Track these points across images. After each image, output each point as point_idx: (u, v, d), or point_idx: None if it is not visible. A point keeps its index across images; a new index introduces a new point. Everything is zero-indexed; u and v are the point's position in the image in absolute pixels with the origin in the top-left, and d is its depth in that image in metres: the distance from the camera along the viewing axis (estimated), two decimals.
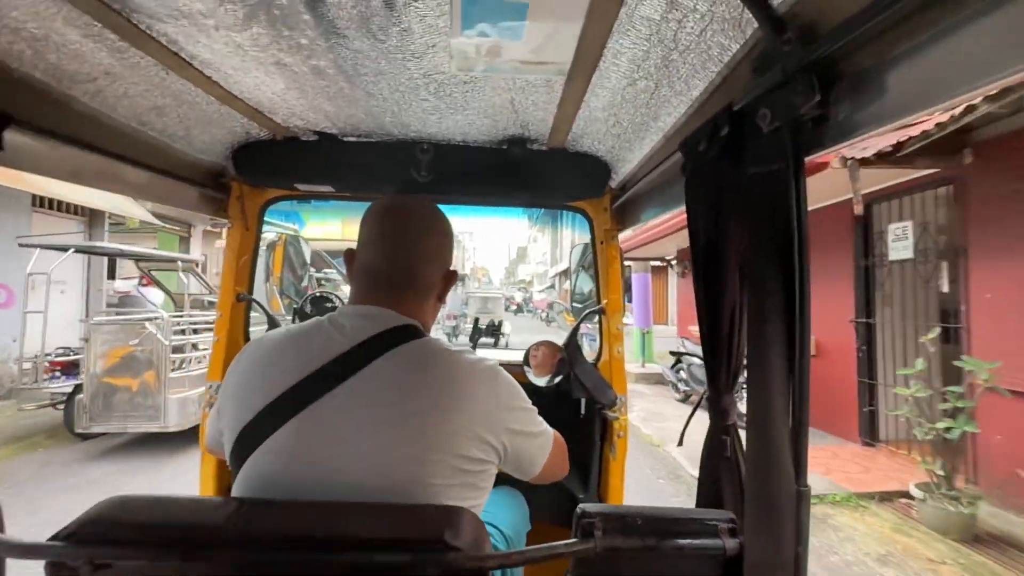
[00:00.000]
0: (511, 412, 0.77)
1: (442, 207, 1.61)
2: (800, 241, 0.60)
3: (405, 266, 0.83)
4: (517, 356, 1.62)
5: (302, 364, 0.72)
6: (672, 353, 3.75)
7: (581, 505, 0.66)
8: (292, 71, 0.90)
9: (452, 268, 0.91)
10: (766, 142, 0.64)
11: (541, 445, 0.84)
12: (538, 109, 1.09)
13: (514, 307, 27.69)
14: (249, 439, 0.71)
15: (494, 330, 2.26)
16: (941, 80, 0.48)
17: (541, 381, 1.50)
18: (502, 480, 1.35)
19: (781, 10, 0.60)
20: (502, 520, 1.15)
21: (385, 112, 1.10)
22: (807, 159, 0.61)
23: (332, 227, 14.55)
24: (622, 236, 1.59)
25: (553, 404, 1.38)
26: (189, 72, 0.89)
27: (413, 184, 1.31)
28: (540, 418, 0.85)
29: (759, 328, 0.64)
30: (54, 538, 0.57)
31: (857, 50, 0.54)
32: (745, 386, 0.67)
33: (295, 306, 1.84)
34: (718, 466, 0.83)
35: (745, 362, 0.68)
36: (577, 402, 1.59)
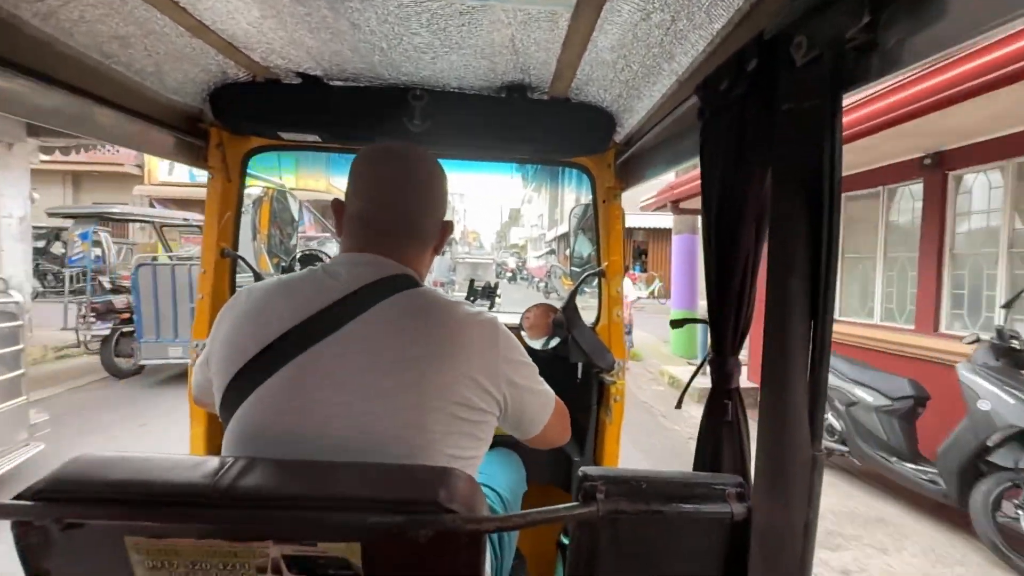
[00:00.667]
0: (511, 364, 0.75)
1: (444, 164, 1.55)
2: (832, 188, 0.54)
3: (405, 215, 0.81)
4: (513, 320, 1.59)
5: (296, 310, 0.69)
6: None
7: (583, 468, 0.63)
8: None
9: (448, 219, 0.87)
10: (800, 76, 0.57)
11: (543, 404, 0.82)
12: (540, 50, 1.00)
13: (507, 274, 25.33)
14: (241, 386, 0.68)
15: (490, 292, 2.24)
16: None
17: (536, 343, 1.48)
18: (499, 442, 1.35)
19: None
20: (498, 481, 1.14)
21: (373, 49, 1.01)
22: (846, 94, 0.55)
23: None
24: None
25: (551, 367, 1.35)
26: None
27: (406, 134, 1.23)
28: (541, 378, 0.83)
29: (780, 283, 0.59)
30: (19, 496, 0.54)
31: None
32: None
33: (283, 264, 1.77)
34: (719, 430, 0.80)
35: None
36: (575, 366, 1.57)
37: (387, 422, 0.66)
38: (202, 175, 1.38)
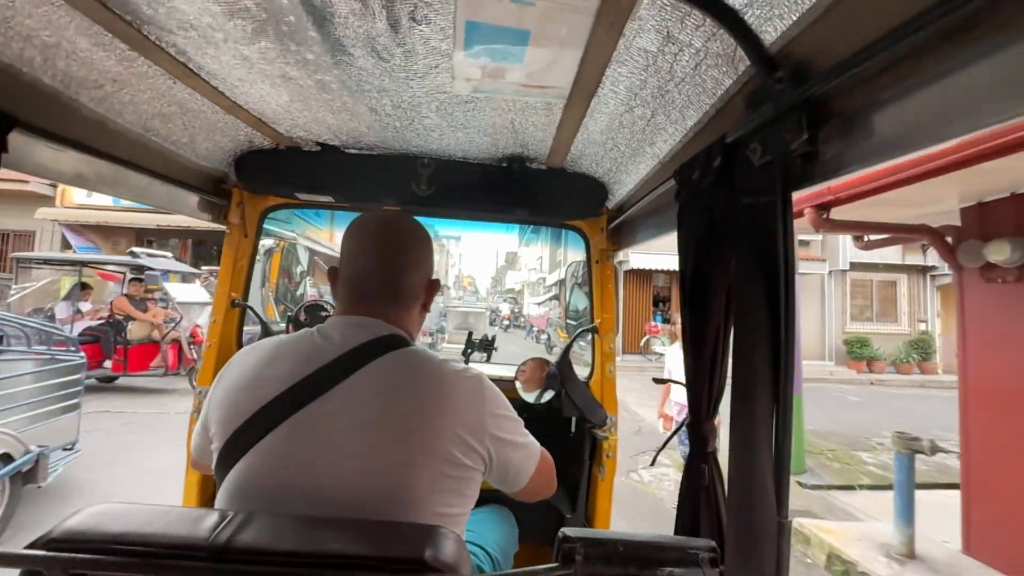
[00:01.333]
0: (495, 419, 0.78)
1: (442, 221, 1.65)
2: (787, 272, 0.61)
3: (390, 276, 0.85)
4: (509, 372, 1.62)
5: (292, 372, 0.73)
6: None
7: (563, 529, 0.66)
8: (297, 84, 0.92)
9: (435, 278, 0.93)
10: (757, 174, 0.65)
11: (528, 456, 0.84)
12: (538, 130, 1.11)
13: (504, 322, 22.64)
14: (237, 446, 0.71)
15: (487, 345, 2.26)
16: (927, 123, 0.49)
17: (530, 397, 1.51)
18: (491, 499, 1.36)
19: (773, 50, 0.62)
20: (488, 540, 1.14)
21: (387, 127, 1.12)
22: (795, 194, 0.63)
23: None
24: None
25: (544, 422, 1.38)
26: (195, 82, 0.91)
27: (413, 197, 1.32)
28: (526, 431, 0.85)
29: (744, 356, 0.65)
30: (31, 546, 0.57)
31: (846, 91, 0.56)
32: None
33: (289, 313, 1.84)
34: (697, 493, 0.82)
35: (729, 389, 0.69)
36: (568, 421, 1.59)
37: (376, 480, 0.68)
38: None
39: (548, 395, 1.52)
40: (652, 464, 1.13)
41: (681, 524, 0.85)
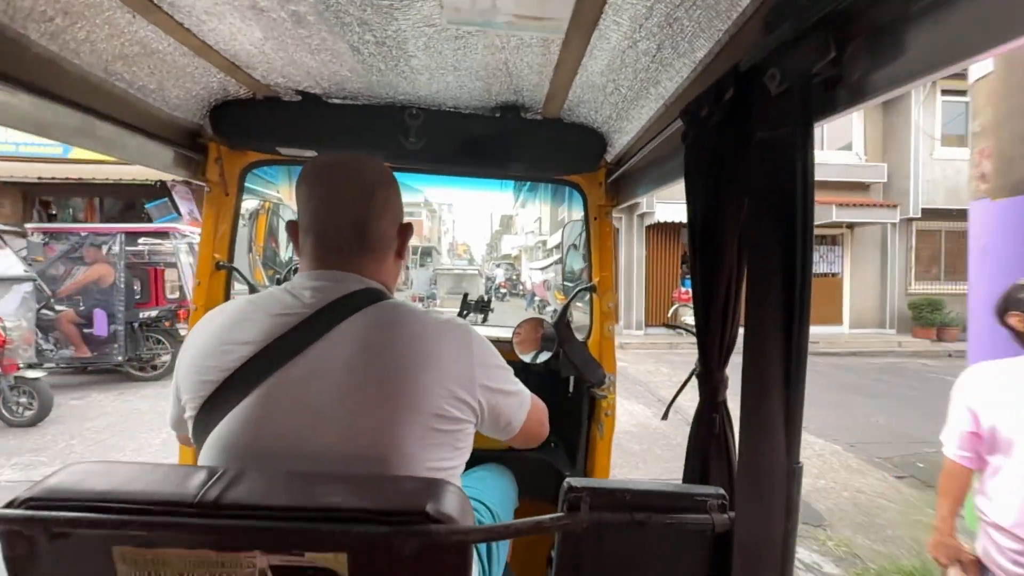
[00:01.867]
0: (485, 369, 0.75)
1: (432, 177, 1.58)
2: (805, 210, 0.57)
3: (357, 224, 0.79)
4: (506, 333, 1.60)
5: (261, 334, 0.69)
6: None
7: (568, 479, 0.64)
8: (270, 18, 0.84)
9: (407, 222, 0.87)
10: (774, 105, 0.60)
11: (519, 404, 0.82)
12: (533, 73, 1.03)
13: (500, 291, 20.31)
14: (210, 413, 0.68)
15: (483, 306, 2.22)
16: (965, 38, 0.44)
17: (527, 357, 1.50)
18: (491, 457, 1.36)
19: None
20: (489, 496, 1.14)
21: (371, 70, 1.04)
22: (816, 124, 0.58)
23: None
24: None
25: (542, 382, 1.37)
26: (157, 17, 0.82)
27: (402, 151, 1.25)
28: (516, 379, 0.83)
29: (757, 301, 0.61)
30: (8, 505, 0.54)
31: (875, 4, 0.51)
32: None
33: (278, 276, 1.79)
34: (707, 443, 0.81)
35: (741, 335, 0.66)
36: (566, 381, 1.58)
37: (362, 441, 0.65)
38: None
39: (545, 356, 1.51)
40: (664, 418, 1.11)
41: (690, 473, 0.84)
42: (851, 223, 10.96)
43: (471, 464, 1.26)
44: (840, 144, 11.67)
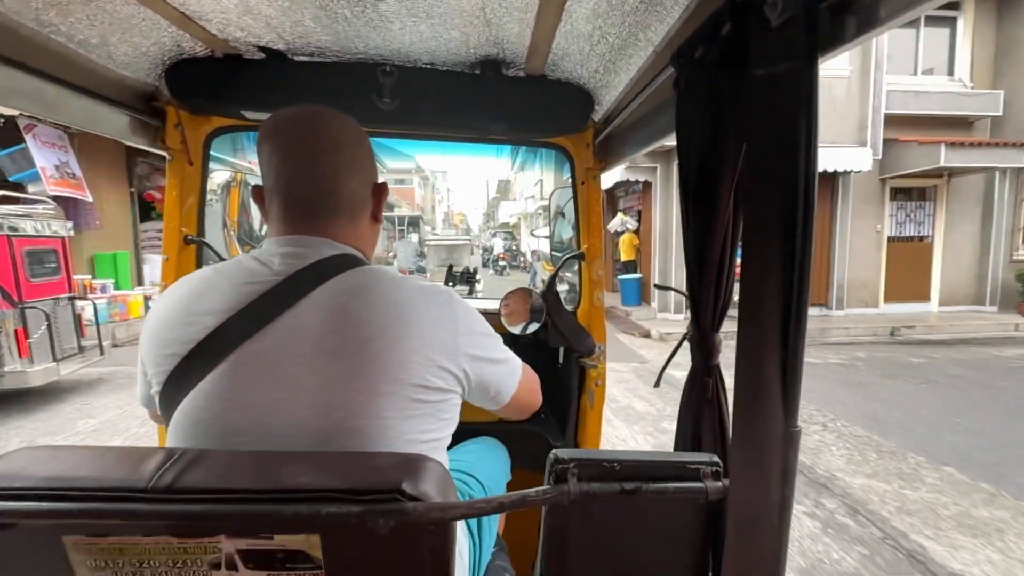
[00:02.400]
0: (470, 336, 0.71)
1: (413, 142, 1.50)
2: (808, 158, 0.52)
3: (326, 183, 0.73)
4: (494, 304, 1.56)
5: (227, 302, 0.65)
6: None
7: (555, 451, 0.61)
8: None
9: (381, 181, 0.81)
10: (775, 38, 0.54)
11: (509, 372, 0.79)
12: (513, 21, 0.95)
13: (499, 263, 18.25)
14: (176, 388, 0.64)
15: (469, 277, 2.16)
16: None
17: (516, 329, 1.47)
18: (484, 430, 1.34)
19: None
20: (480, 469, 1.12)
21: (336, 17, 0.95)
22: (822, 58, 0.52)
23: None
24: None
25: (531, 352, 1.33)
26: None
27: (376, 113, 1.17)
28: (505, 347, 0.80)
29: (754, 257, 0.57)
30: None
31: None
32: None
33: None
34: (700, 408, 0.79)
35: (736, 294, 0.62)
36: (556, 351, 1.55)
37: (336, 413, 0.62)
38: None
39: (534, 327, 1.47)
40: (656, 385, 1.08)
41: (682, 440, 0.81)
42: (950, 170, 8.50)
43: (462, 438, 1.24)
44: (931, 68, 9.09)
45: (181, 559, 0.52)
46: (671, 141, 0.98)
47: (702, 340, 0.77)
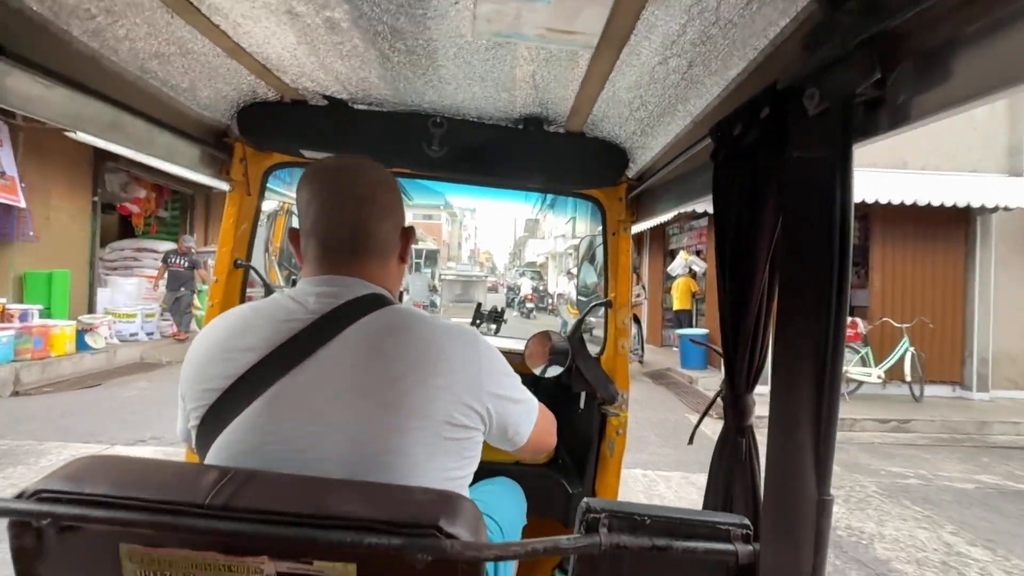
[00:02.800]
0: (492, 376, 0.74)
1: (453, 186, 1.59)
2: (843, 234, 0.55)
3: (359, 226, 0.78)
4: (517, 345, 1.59)
5: (265, 340, 0.69)
6: None
7: (586, 500, 0.62)
8: (304, 23, 0.85)
9: (409, 225, 0.87)
10: (812, 126, 0.59)
11: (526, 411, 0.81)
12: (560, 86, 1.03)
13: (526, 304, 15.98)
14: (213, 422, 0.67)
15: (496, 316, 2.18)
16: (1019, 63, 0.43)
17: (536, 371, 1.49)
18: (502, 471, 1.34)
19: None
20: (498, 511, 1.12)
21: (399, 77, 1.05)
22: (856, 146, 0.56)
23: None
24: None
25: (553, 396, 1.35)
26: (195, 17, 0.84)
27: (424, 159, 1.26)
28: (524, 387, 0.82)
29: (789, 325, 0.59)
30: (18, 496, 0.53)
31: (928, 23, 0.49)
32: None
33: (294, 276, 1.79)
34: (731, 469, 0.79)
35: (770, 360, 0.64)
36: (578, 396, 1.56)
37: (366, 448, 0.64)
38: None
39: (556, 369, 1.49)
40: (690, 442, 1.09)
41: (712, 500, 0.81)
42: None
43: (480, 477, 1.25)
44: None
45: (225, 575, 0.54)
46: (704, 203, 1.03)
47: (735, 401, 0.78)
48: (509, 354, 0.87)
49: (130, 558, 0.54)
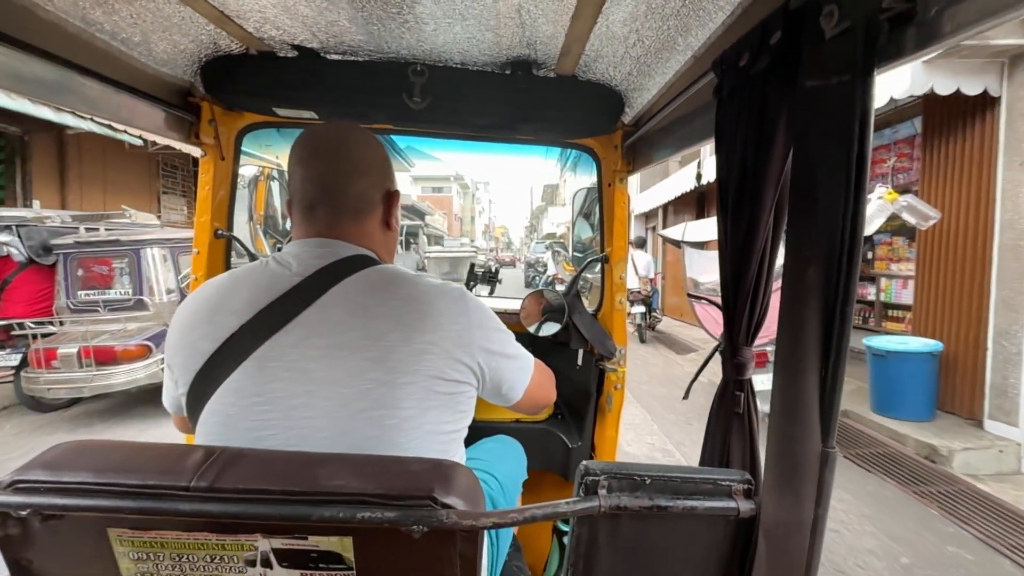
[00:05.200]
0: (483, 331, 0.74)
1: (439, 140, 1.50)
2: (860, 173, 0.51)
3: (333, 185, 0.78)
4: (514, 304, 1.57)
5: (249, 303, 0.68)
6: None
7: (585, 462, 0.61)
8: None
9: (393, 189, 0.84)
10: (829, 49, 0.53)
11: (521, 367, 0.82)
12: (548, 22, 0.94)
13: (559, 286, 6.23)
14: (202, 387, 0.67)
15: (490, 277, 2.15)
16: None
17: (531, 328, 1.48)
18: (501, 429, 1.34)
19: None
20: (498, 468, 1.12)
21: (372, 18, 0.95)
22: (878, 71, 0.50)
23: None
24: None
25: (551, 353, 1.33)
26: None
27: (405, 111, 1.18)
28: (518, 343, 0.82)
29: (797, 273, 0.56)
30: None
31: None
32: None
33: (279, 245, 1.74)
34: (729, 423, 0.77)
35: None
36: (575, 352, 1.55)
37: (354, 405, 0.64)
38: None
39: (552, 327, 1.47)
40: (685, 397, 1.08)
41: (709, 455, 0.80)
42: None
43: (479, 436, 1.25)
44: None
45: (219, 555, 0.53)
46: (706, 145, 0.97)
47: (734, 354, 0.75)
48: (504, 314, 0.85)
49: (119, 541, 0.53)
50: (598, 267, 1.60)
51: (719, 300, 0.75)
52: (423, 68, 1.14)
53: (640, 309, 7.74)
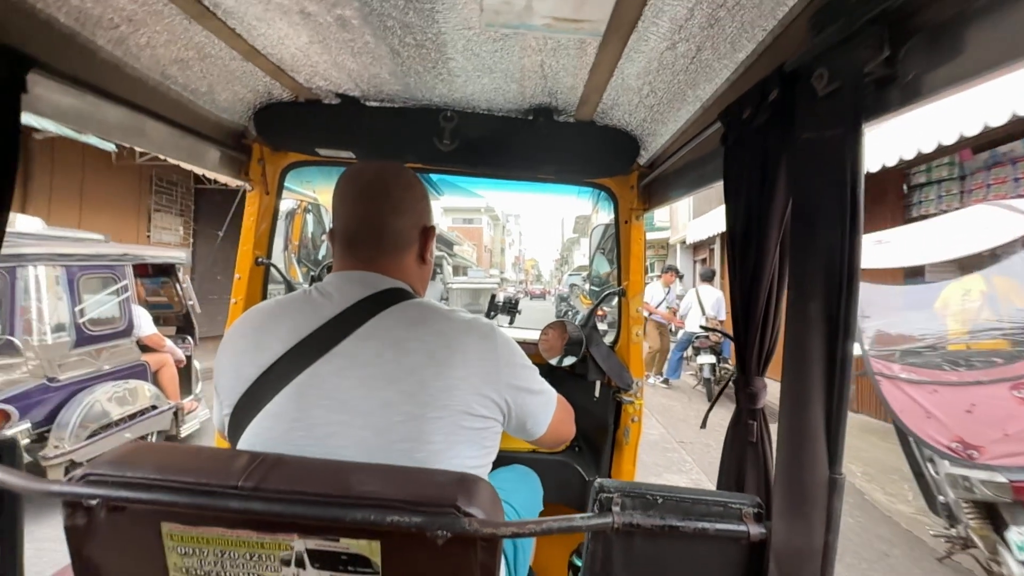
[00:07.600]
0: (511, 368, 0.76)
1: (466, 179, 1.60)
2: (853, 213, 0.55)
3: (372, 221, 0.82)
4: (533, 335, 1.61)
5: (292, 332, 0.72)
6: None
7: (599, 480, 0.64)
8: (316, 22, 0.87)
9: (430, 225, 0.89)
10: (821, 106, 0.59)
11: (545, 403, 0.83)
12: (568, 75, 1.04)
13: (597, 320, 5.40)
14: (244, 410, 0.71)
15: (511, 307, 2.19)
16: None
17: (553, 361, 1.51)
18: (518, 459, 1.36)
19: None
20: (515, 498, 1.14)
21: (409, 72, 1.06)
22: (866, 126, 0.56)
23: None
24: None
25: (568, 385, 1.36)
26: (212, 23, 0.87)
27: (435, 153, 1.28)
28: (542, 379, 0.84)
29: (800, 306, 0.60)
30: (71, 479, 0.58)
31: (933, 0, 0.49)
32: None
33: (312, 274, 1.84)
34: (743, 451, 0.79)
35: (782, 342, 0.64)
36: (592, 384, 1.57)
37: (386, 436, 0.67)
38: None
39: (571, 359, 1.50)
40: (703, 427, 1.11)
41: (724, 481, 0.82)
42: None
43: (497, 465, 1.27)
44: None
45: (257, 553, 0.58)
46: (715, 186, 1.02)
47: (746, 384, 0.78)
48: (525, 344, 0.89)
49: (171, 536, 0.58)
50: (615, 300, 1.64)
51: (949, 377, 0.76)
52: (453, 114, 1.25)
53: (709, 359, 5.72)
